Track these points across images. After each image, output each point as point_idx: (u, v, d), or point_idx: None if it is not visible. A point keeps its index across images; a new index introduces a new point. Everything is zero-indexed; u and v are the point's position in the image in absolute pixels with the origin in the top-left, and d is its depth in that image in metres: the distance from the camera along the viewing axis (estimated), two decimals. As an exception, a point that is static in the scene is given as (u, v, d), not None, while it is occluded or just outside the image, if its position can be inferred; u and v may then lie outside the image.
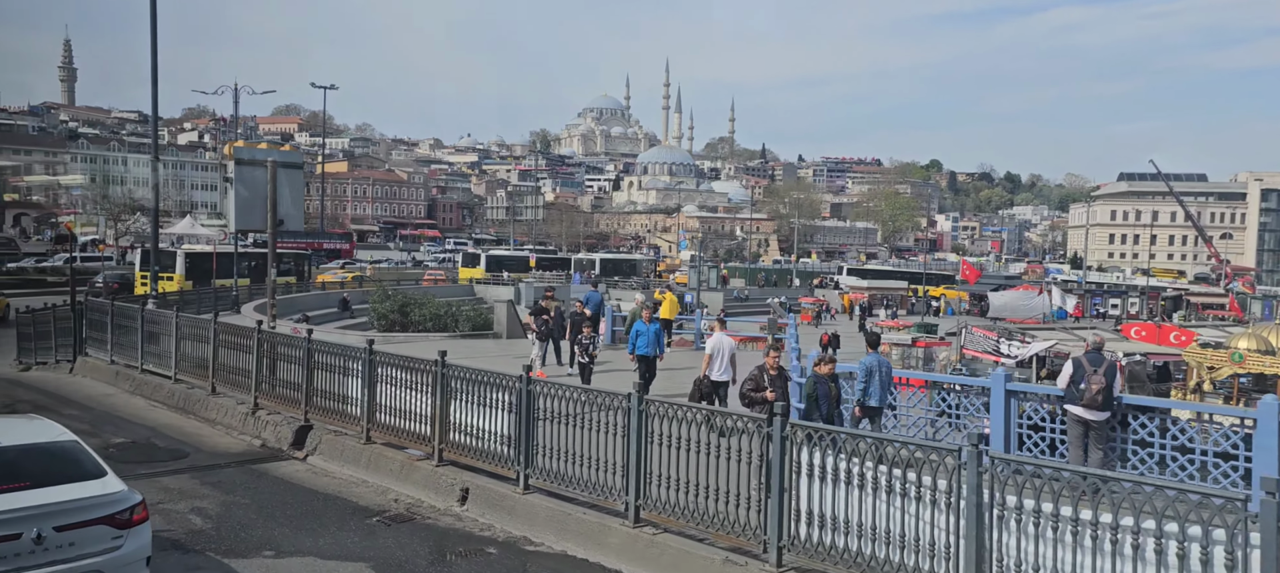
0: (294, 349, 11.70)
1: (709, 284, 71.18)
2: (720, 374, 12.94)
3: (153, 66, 19.91)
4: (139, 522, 6.30)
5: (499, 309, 23.74)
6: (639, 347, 13.88)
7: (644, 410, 7.20)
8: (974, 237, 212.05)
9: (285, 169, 13.70)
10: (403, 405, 9.95)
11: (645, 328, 13.92)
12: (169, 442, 11.77)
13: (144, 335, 15.27)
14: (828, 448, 5.88)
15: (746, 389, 9.28)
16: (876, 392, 10.66)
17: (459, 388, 9.15)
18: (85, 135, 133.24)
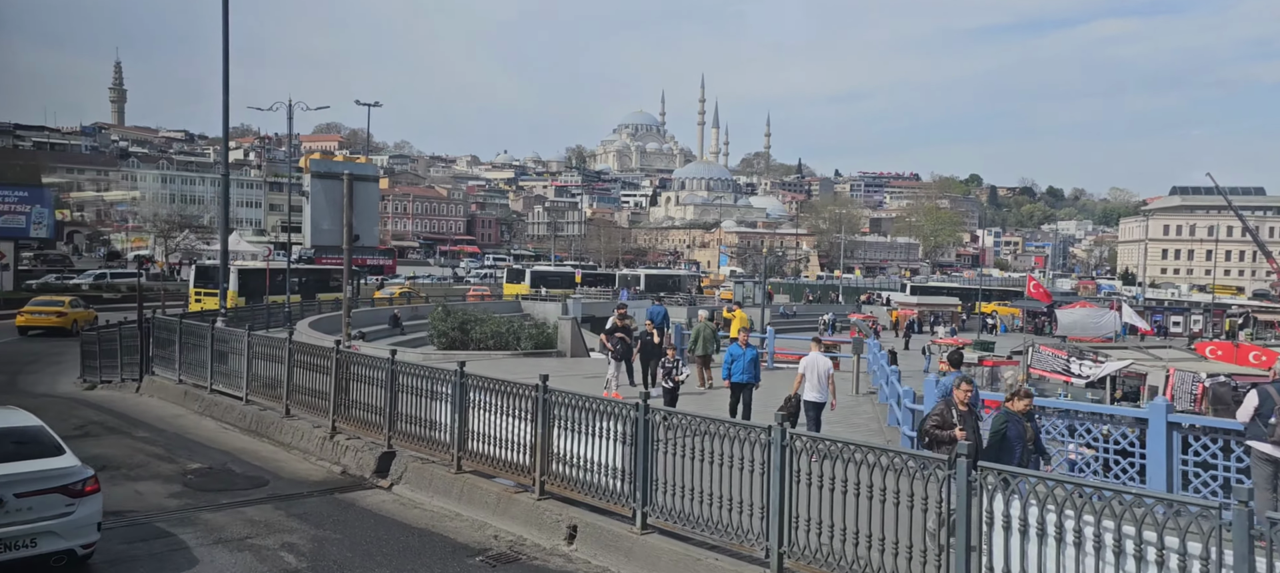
0: (375, 371, 11.17)
1: (754, 300, 70.30)
2: (814, 394, 12.51)
3: (224, 91, 19.83)
4: (90, 492, 7.45)
5: (562, 327, 23.19)
6: (735, 373, 13.01)
7: (789, 446, 6.49)
8: (1016, 252, 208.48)
9: (361, 182, 13.25)
10: (497, 432, 9.35)
11: (741, 352, 13.08)
12: (246, 468, 11.29)
13: (214, 354, 14.89)
14: (1030, 498, 5.10)
15: (929, 425, 8.10)
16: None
17: (563, 415, 8.52)
18: (135, 154, 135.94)
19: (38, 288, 43.56)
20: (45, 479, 7.19)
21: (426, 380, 10.35)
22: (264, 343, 13.69)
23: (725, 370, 13.33)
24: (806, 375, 12.47)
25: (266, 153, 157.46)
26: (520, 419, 9.00)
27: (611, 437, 8.01)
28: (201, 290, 37.67)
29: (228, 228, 23.01)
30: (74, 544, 7.24)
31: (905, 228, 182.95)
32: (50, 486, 7.20)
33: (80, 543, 7.30)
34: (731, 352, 13.38)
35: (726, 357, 13.45)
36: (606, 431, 8.06)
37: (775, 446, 6.55)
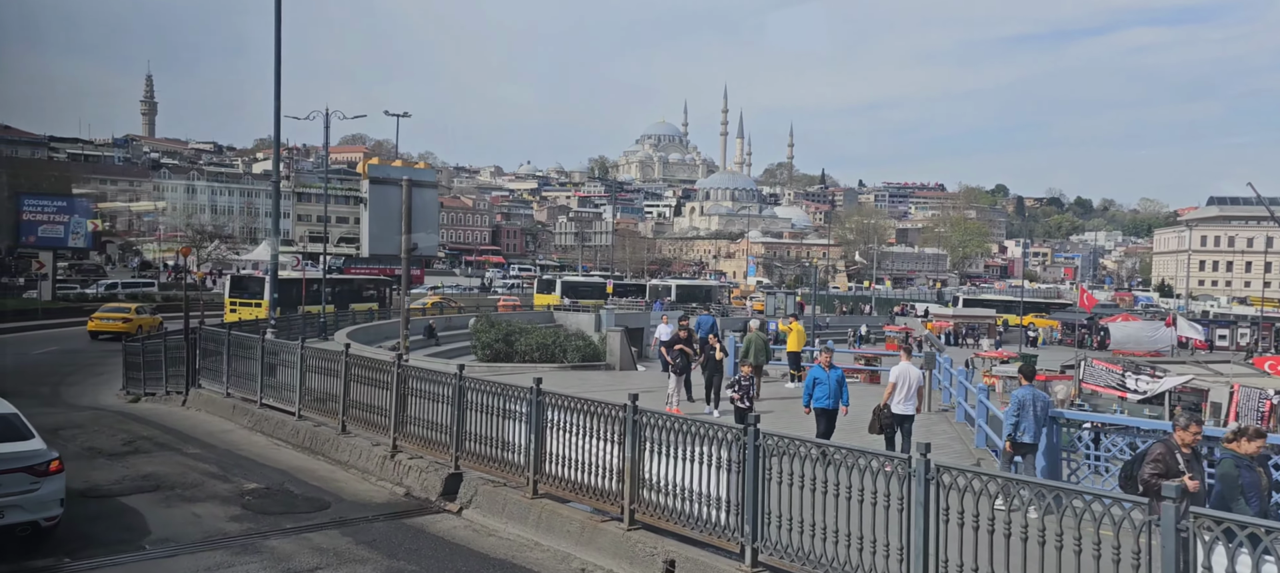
0: (440, 386, 10.59)
1: (785, 311, 69.41)
2: (903, 406, 12.02)
3: (276, 107, 19.43)
4: (54, 472, 8.44)
5: (611, 339, 22.58)
6: (816, 397, 11.95)
7: (935, 479, 5.81)
8: (1045, 263, 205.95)
9: (419, 188, 12.72)
10: (578, 455, 8.72)
11: (825, 374, 11.99)
12: (305, 489, 10.74)
13: (263, 367, 14.41)
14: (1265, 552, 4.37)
15: (1148, 473, 6.97)
16: (1030, 427, 10.06)
17: (655, 437, 7.87)
18: (166, 165, 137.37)
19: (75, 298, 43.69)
20: (12, 461, 8.15)
21: (498, 398, 9.75)
22: (318, 356, 13.17)
23: (806, 396, 12.15)
24: (898, 386, 11.99)
25: (294, 163, 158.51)
26: (606, 441, 8.37)
27: (712, 462, 7.35)
28: (237, 300, 37.69)
29: (279, 238, 22.63)
30: (38, 517, 8.16)
31: (933, 238, 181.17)
32: (17, 466, 8.15)
33: (44, 516, 8.22)
34: (814, 374, 12.20)
35: (807, 380, 12.34)
36: (707, 456, 7.40)
37: (917, 479, 5.87)
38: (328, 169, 54.64)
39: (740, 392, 12.64)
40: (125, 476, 11.16)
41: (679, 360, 15.42)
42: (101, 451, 12.61)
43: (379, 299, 45.04)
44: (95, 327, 34.19)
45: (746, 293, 78.85)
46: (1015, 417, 10.11)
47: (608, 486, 8.39)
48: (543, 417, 9.13)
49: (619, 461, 8.20)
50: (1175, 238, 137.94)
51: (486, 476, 10.00)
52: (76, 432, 13.88)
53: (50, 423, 14.65)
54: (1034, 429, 10.15)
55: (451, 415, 10.35)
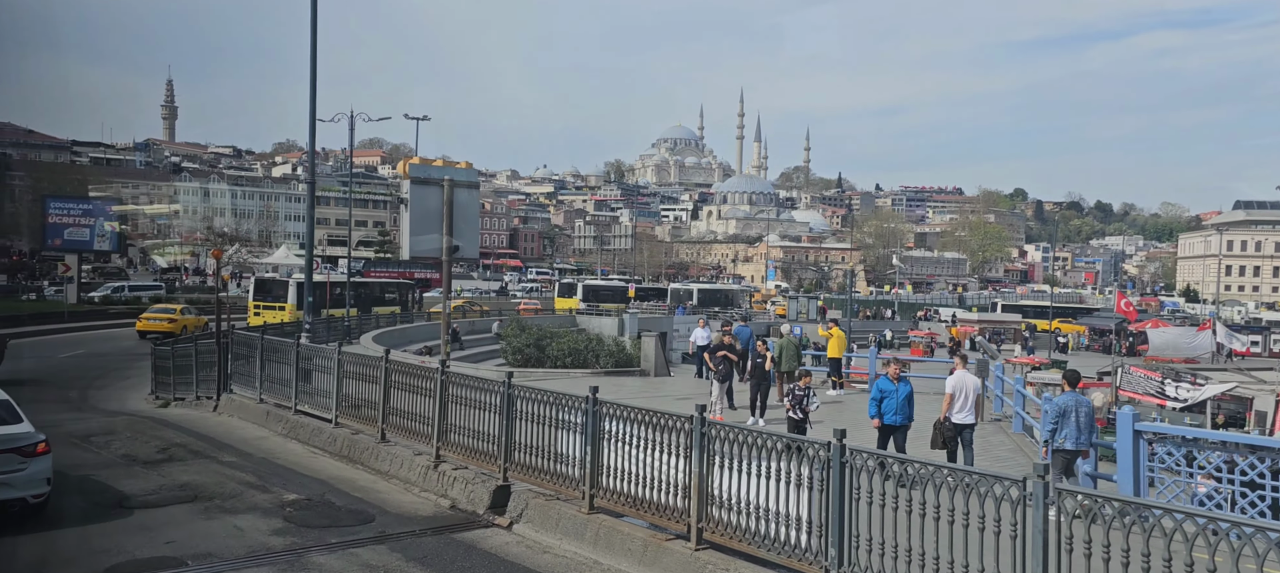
0: (487, 395, 10.18)
1: (808, 315, 68.80)
2: (963, 415, 11.72)
3: (311, 111, 19.12)
4: (41, 453, 9.28)
5: (647, 344, 22.12)
6: (887, 412, 11.26)
7: (1057, 504, 5.33)
8: (1066, 268, 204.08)
9: (460, 189, 12.33)
10: (639, 468, 8.28)
11: (892, 387, 11.27)
12: (347, 500, 10.35)
13: (298, 372, 14.06)
14: None
15: None
16: (1072, 434, 10.05)
17: (726, 452, 7.41)
18: (187, 169, 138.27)
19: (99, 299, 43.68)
20: (4, 442, 8.96)
21: (550, 407, 9.32)
22: (356, 362, 12.79)
23: (872, 408, 11.44)
24: (956, 396, 11.75)
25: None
26: (669, 454, 7.92)
27: (791, 479, 6.89)
28: (261, 303, 37.43)
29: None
30: (26, 494, 9.07)
31: (952, 243, 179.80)
32: (7, 447, 8.95)
33: (31, 493, 9.14)
34: (881, 386, 11.43)
35: (873, 392, 11.59)
36: (783, 472, 6.94)
37: (1035, 503, 5.38)
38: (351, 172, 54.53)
39: (793, 402, 12.13)
40: (162, 485, 10.82)
41: (722, 368, 14.93)
42: (137, 458, 12.29)
43: (401, 303, 44.73)
44: (143, 327, 35.20)
45: (768, 297, 78.18)
46: (1054, 423, 10.10)
47: (671, 501, 7.94)
48: (600, 428, 8.70)
49: (684, 475, 7.75)
50: (1201, 242, 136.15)
51: (536, 488, 9.58)
52: (110, 438, 13.58)
53: (83, 429, 14.40)
54: (1076, 436, 10.08)
55: (500, 425, 9.93)
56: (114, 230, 47.24)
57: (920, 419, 12.23)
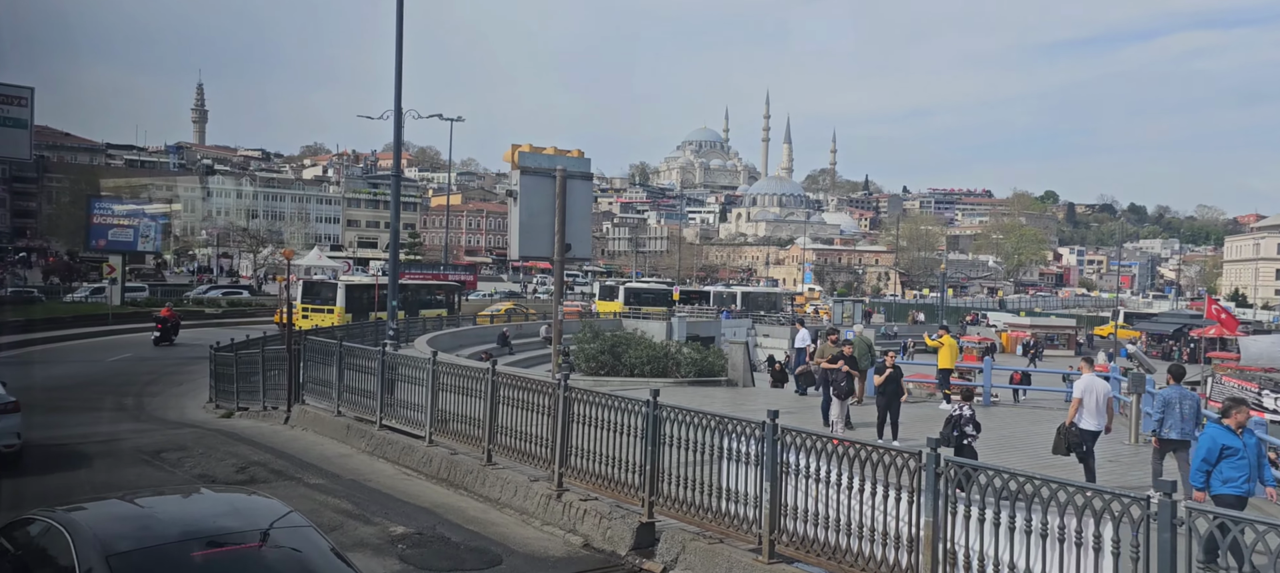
0: (624, 415, 8.87)
1: (854, 319, 67.13)
2: (1092, 421, 11.21)
3: (397, 107, 18.06)
4: (13, 411, 11.99)
5: (735, 352, 20.78)
6: (1232, 483, 7.83)
7: None
8: (1100, 271, 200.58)
9: (573, 181, 11.05)
10: (834, 511, 6.93)
11: (1238, 443, 7.88)
12: (463, 535, 9.09)
13: (383, 384, 12.84)
14: None
15: None
16: (1176, 424, 10.61)
17: (980, 500, 5.97)
18: (220, 171, 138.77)
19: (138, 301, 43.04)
20: None
21: (713, 433, 7.99)
22: (455, 373, 11.54)
23: (1200, 477, 7.98)
24: (1084, 400, 11.26)
25: (344, 169, 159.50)
26: (888, 496, 6.54)
27: (1084, 545, 5.40)
28: (309, 306, 36.34)
29: (397, 244, 21.23)
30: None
31: (986, 246, 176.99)
32: None
33: (3, 444, 11.69)
34: (1219, 439, 7.91)
35: (1204, 450, 7.98)
36: (1075, 533, 5.43)
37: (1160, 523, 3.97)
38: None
39: (951, 424, 10.61)
40: (251, 513, 9.59)
41: (843, 384, 13.47)
42: (215, 478, 11.12)
43: (448, 305, 43.86)
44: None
45: (811, 300, 76.49)
46: (1160, 413, 10.69)
47: (891, 557, 6.55)
48: (782, 460, 7.36)
49: (909, 525, 6.37)
50: (1250, 245, 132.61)
51: (691, 527, 8.25)
52: (180, 455, 12.43)
53: (150, 443, 13.27)
54: (1181, 426, 10.58)
55: (643, 451, 8.62)
56: (158, 231, 46.59)
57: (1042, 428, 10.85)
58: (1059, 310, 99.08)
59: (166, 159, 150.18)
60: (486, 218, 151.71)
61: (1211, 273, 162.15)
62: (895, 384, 13.06)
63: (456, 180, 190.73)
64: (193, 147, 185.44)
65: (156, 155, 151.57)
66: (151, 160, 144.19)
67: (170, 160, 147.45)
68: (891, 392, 13.14)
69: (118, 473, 11.35)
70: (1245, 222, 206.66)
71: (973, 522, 5.94)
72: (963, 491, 6.07)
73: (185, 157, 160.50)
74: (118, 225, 44.16)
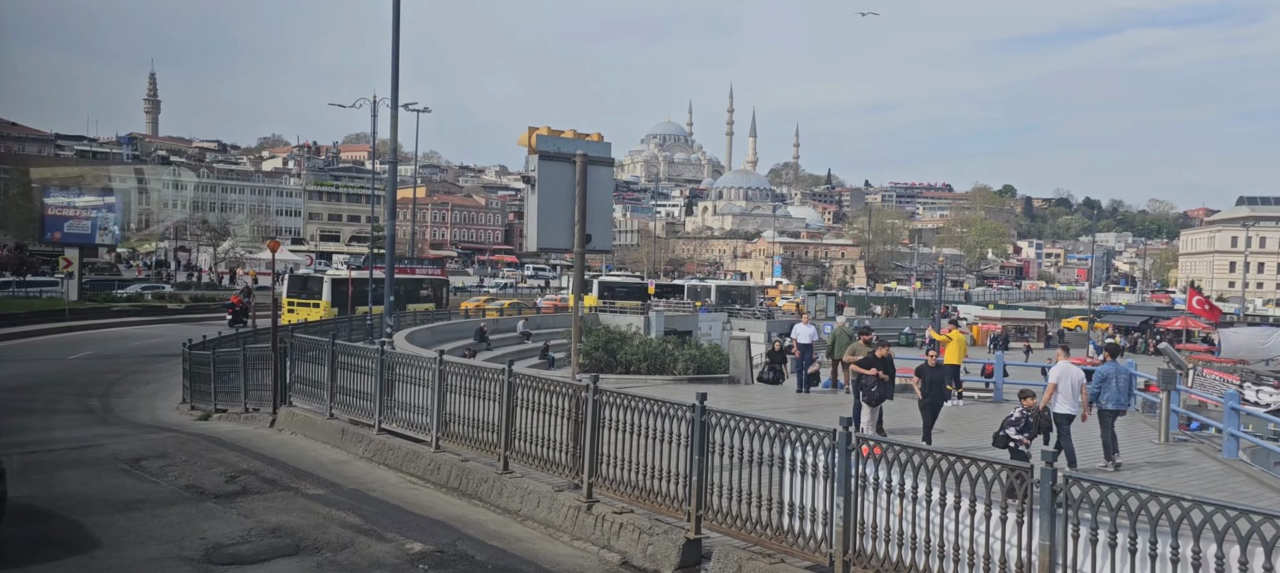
0: (666, 421, 8.16)
1: (827, 313, 67.07)
2: (1068, 406, 11.73)
3: (393, 94, 17.07)
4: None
5: (737, 349, 20.10)
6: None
7: None
8: (1058, 264, 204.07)
9: (594, 166, 10.28)
10: (922, 531, 6.29)
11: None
12: (487, 553, 8.32)
13: (382, 385, 11.98)
14: None
15: None
16: (1113, 396, 12.17)
17: (1103, 520, 5.33)
18: (175, 163, 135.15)
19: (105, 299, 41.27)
20: None
21: (774, 442, 7.30)
22: (465, 373, 10.72)
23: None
24: (1059, 385, 11.84)
25: (305, 160, 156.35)
26: (993, 514, 5.90)
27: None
28: (295, 300, 35.71)
29: (393, 239, 20.23)
30: None
31: (949, 239, 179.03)
32: None
33: None
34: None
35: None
36: (1238, 563, 4.81)
37: None
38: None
39: (1018, 424, 9.95)
40: (249, 530, 8.73)
41: (876, 388, 12.78)
42: (205, 490, 10.19)
43: (435, 299, 43.31)
44: None
45: (785, 293, 76.21)
46: (1098, 388, 12.05)
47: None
48: (857, 473, 6.70)
49: (1020, 549, 5.73)
50: (1204, 239, 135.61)
51: (739, 543, 7.57)
52: (162, 463, 11.45)
53: (128, 450, 12.25)
54: (1117, 397, 12.17)
55: (688, 460, 7.92)
56: (117, 224, 44.69)
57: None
58: (1026, 303, 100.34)
59: (119, 150, 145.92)
60: (452, 210, 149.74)
61: (1165, 265, 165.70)
62: (940, 385, 12.34)
63: (420, 173, 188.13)
64: (146, 137, 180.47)
65: (108, 146, 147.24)
66: (103, 151, 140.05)
67: (123, 151, 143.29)
68: (936, 395, 12.43)
69: (94, 484, 10.37)
70: (1195, 215, 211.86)
71: (1100, 546, 5.31)
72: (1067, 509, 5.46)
73: (139, 148, 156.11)
74: (74, 217, 42.30)
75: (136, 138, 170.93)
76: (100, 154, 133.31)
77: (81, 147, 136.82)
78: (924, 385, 12.13)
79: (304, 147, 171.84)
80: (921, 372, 12.33)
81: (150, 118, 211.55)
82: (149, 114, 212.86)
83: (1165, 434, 13.32)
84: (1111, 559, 5.21)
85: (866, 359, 12.72)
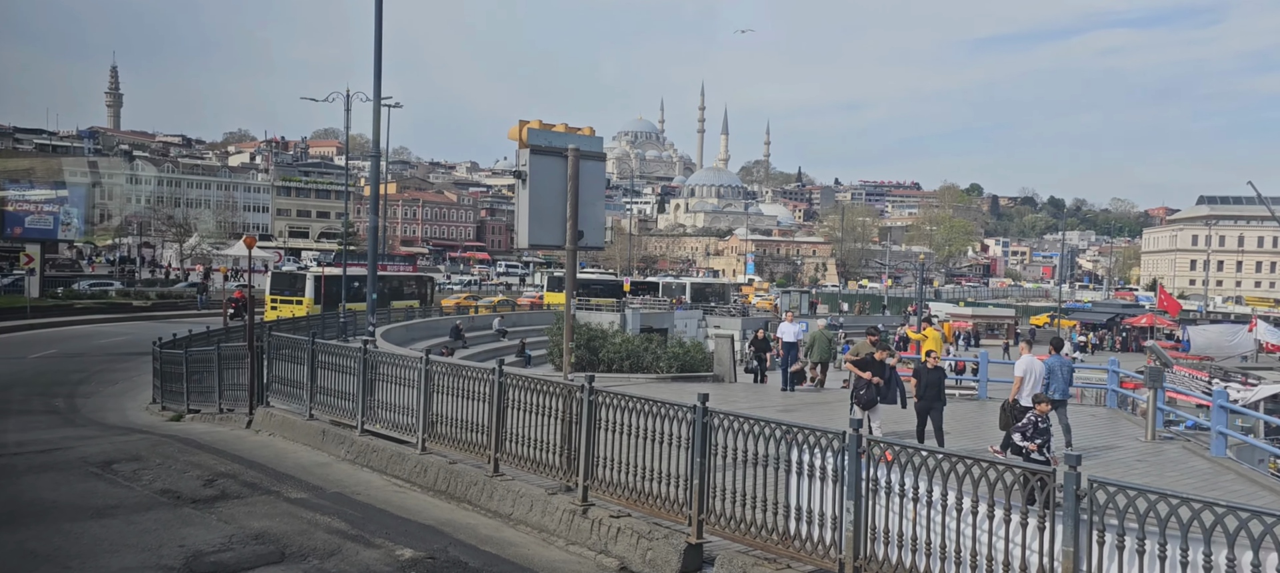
0: (665, 421, 7.96)
1: (800, 310, 67.25)
2: (1031, 398, 11.48)
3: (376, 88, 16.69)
4: None
5: (721, 347, 19.89)
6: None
7: None
8: (1024, 262, 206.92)
9: (587, 161, 10.05)
10: (935, 536, 6.15)
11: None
12: (482, 560, 8.05)
13: (365, 385, 11.65)
14: None
15: None
16: (1059, 387, 12.64)
17: (1129, 527, 5.20)
18: (140, 158, 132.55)
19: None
20: None
21: (779, 444, 7.12)
22: (453, 373, 10.43)
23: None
24: (1025, 379, 12.26)
25: (273, 156, 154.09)
26: (1012, 519, 5.77)
27: None
28: (278, 297, 36.01)
29: (376, 237, 19.80)
30: None
31: (919, 237, 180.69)
32: None
33: None
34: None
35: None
36: None
37: None
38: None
39: (1030, 432, 9.64)
40: (231, 537, 8.39)
41: (863, 392, 12.34)
42: (181, 494, 9.81)
43: (420, 297, 43.28)
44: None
45: (760, 291, 76.29)
46: (1046, 379, 12.43)
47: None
48: (867, 476, 6.54)
49: (1040, 555, 5.59)
50: (1166, 237, 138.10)
51: (747, 549, 7.39)
52: (135, 466, 11.03)
53: (98, 452, 11.81)
54: (1062, 389, 12.74)
55: (689, 463, 7.73)
56: (81, 218, 43.57)
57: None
58: (995, 301, 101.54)
59: (81, 144, 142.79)
60: (423, 207, 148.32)
61: (1127, 263, 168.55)
62: (937, 387, 12.17)
63: (391, 169, 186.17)
64: (108, 131, 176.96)
65: (69, 140, 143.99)
66: (64, 145, 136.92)
67: (85, 146, 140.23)
68: (933, 397, 12.11)
69: (64, 489, 9.95)
70: (1155, 214, 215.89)
71: (1128, 553, 5.19)
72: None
73: (101, 142, 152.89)
74: (35, 212, 41.12)
75: (98, 132, 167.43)
76: (61, 148, 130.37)
77: (41, 140, 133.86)
78: (920, 387, 11.96)
79: (271, 142, 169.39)
80: (919, 373, 12.17)
81: (112, 111, 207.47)
82: (111, 108, 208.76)
83: (1151, 432, 13.35)
84: (1140, 568, 5.08)
85: (863, 361, 12.50)
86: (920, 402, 11.99)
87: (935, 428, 11.97)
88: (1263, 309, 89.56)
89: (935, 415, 11.94)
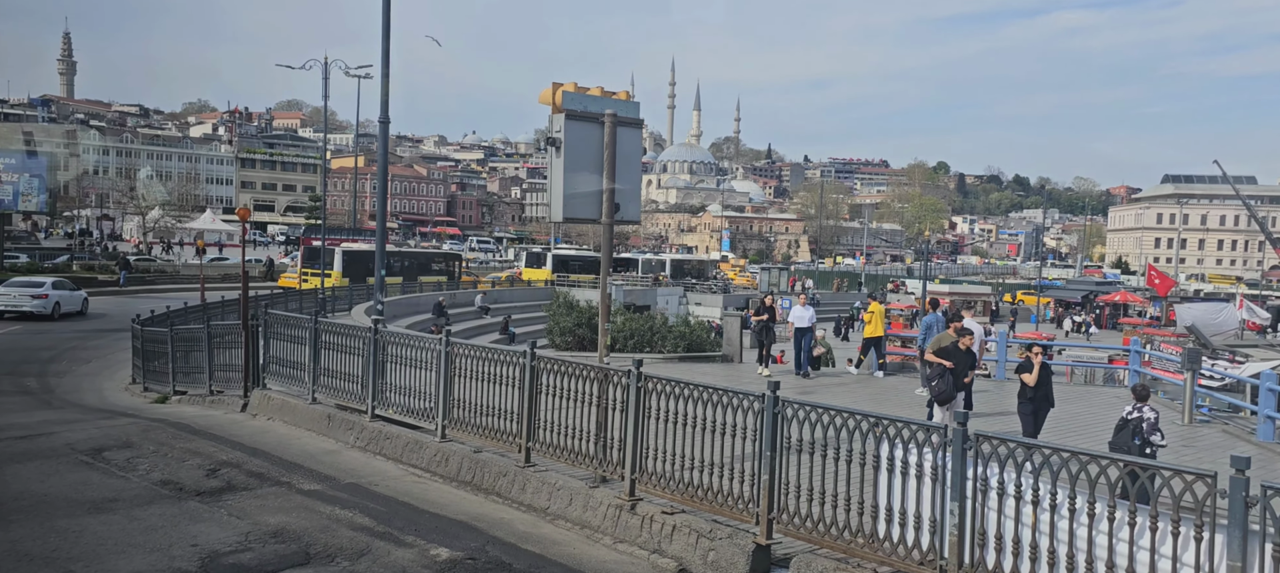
0: (726, 411, 7.32)
1: (779, 287, 66.99)
2: None
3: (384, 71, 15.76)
4: None
5: (730, 326, 19.22)
6: None
7: None
8: (991, 239, 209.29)
9: (624, 129, 9.30)
10: (1067, 546, 5.57)
11: None
12: (526, 560, 7.37)
13: (375, 367, 10.87)
14: None
15: None
16: None
17: None
18: (96, 127, 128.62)
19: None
20: None
21: (866, 437, 6.51)
22: (476, 355, 9.68)
23: None
24: None
25: (237, 127, 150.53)
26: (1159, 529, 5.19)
27: None
28: (309, 271, 39.49)
29: (385, 212, 18.85)
30: None
31: (889, 214, 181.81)
32: None
33: None
34: None
35: None
36: None
37: None
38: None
39: (1131, 429, 8.74)
40: (247, 534, 7.61)
41: (935, 382, 11.30)
42: (183, 486, 9.00)
43: (448, 273, 45.64)
44: None
45: (740, 268, 75.85)
46: (924, 335, 13.16)
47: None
48: (975, 475, 5.95)
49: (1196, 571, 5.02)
50: (1131, 215, 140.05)
51: (816, 549, 6.79)
52: (129, 454, 10.16)
53: (86, 438, 10.92)
54: None
55: (756, 456, 7.09)
56: (42, 188, 41.66)
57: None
58: (968, 278, 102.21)
59: (34, 113, 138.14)
60: (393, 181, 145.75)
61: (1091, 241, 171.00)
62: (1049, 389, 10.92)
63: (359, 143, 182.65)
64: (62, 99, 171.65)
65: (21, 108, 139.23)
66: (16, 114, 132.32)
67: (38, 114, 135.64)
68: (1042, 400, 10.86)
69: (54, 480, 9.08)
70: (1117, 193, 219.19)
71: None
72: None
73: (55, 110, 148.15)
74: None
75: (51, 100, 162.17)
76: (12, 116, 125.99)
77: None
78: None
79: (234, 112, 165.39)
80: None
81: (65, 80, 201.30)
82: (63, 76, 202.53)
83: (1188, 415, 12.99)
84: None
85: (945, 350, 11.52)
86: (1028, 404, 10.84)
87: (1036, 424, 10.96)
88: (1227, 288, 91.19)
89: (1043, 415, 10.98)
